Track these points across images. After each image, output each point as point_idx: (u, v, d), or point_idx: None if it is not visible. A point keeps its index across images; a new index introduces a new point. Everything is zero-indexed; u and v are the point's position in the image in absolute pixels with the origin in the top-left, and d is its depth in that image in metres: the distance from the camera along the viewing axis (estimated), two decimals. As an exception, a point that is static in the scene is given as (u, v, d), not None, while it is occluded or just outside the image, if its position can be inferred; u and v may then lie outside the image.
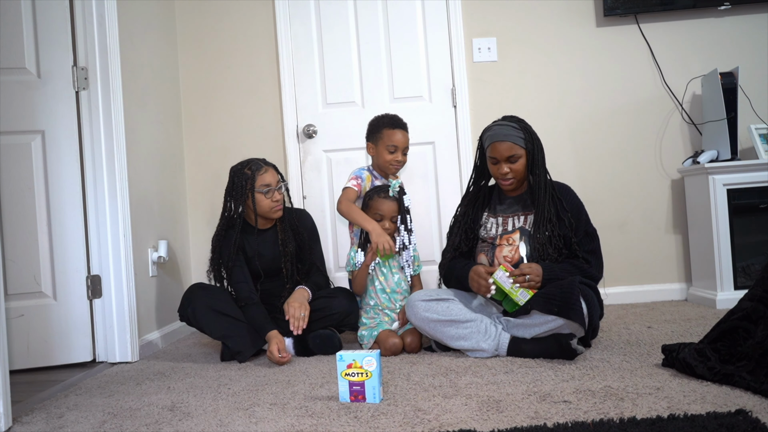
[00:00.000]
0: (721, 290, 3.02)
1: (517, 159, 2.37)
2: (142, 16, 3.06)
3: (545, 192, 2.37)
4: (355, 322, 2.61)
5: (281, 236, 2.68)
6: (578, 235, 2.36)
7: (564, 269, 2.28)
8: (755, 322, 1.81)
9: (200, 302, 2.51)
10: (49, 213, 2.58)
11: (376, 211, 2.57)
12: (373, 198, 2.60)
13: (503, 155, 2.36)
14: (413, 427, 1.59)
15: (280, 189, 2.63)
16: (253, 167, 2.61)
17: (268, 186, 2.59)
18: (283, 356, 2.36)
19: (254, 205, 2.58)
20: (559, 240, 2.33)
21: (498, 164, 2.39)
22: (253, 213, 2.61)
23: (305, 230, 2.73)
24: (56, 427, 1.79)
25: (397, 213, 2.58)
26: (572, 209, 2.39)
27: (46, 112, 2.58)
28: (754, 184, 3.03)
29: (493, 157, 2.40)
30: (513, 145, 2.36)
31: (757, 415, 1.47)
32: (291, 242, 2.66)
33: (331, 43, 3.48)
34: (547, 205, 2.36)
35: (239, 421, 1.73)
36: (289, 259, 2.65)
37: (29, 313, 2.53)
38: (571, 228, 2.35)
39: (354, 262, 2.59)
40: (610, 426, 1.46)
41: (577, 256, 2.34)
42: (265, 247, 2.66)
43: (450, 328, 2.31)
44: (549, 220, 2.34)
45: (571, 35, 3.45)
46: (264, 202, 2.59)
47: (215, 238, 2.65)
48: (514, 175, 2.38)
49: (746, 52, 3.36)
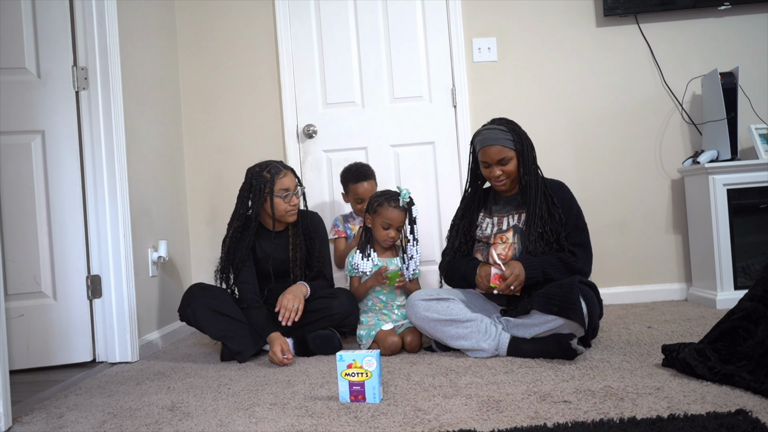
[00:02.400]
0: (721, 290, 3.02)
1: (508, 161, 2.41)
2: (142, 16, 3.06)
3: (536, 190, 2.40)
4: (356, 322, 2.61)
5: (293, 240, 2.67)
6: (567, 229, 2.38)
7: (547, 262, 2.31)
8: (755, 322, 1.81)
9: (200, 302, 2.51)
10: (49, 213, 2.58)
11: (384, 219, 2.55)
12: (383, 205, 2.56)
13: (494, 159, 2.40)
14: (413, 427, 1.59)
15: (298, 193, 2.63)
16: (272, 170, 2.59)
17: (287, 190, 2.58)
18: (287, 357, 2.36)
19: (272, 209, 2.57)
20: (550, 235, 2.36)
21: (490, 168, 2.43)
22: (270, 216, 2.60)
23: (317, 235, 2.72)
24: (56, 427, 1.79)
25: (404, 222, 2.57)
26: (563, 204, 2.42)
27: (46, 112, 2.58)
28: (754, 184, 3.03)
29: (484, 162, 2.44)
30: (502, 148, 2.39)
31: (757, 415, 1.47)
32: (302, 246, 2.66)
33: (331, 43, 3.48)
34: (539, 202, 2.39)
35: (239, 421, 1.73)
36: (298, 264, 2.64)
37: (29, 313, 2.53)
38: (561, 223, 2.37)
39: (353, 266, 2.59)
40: (610, 426, 1.46)
41: (563, 249, 2.35)
42: (276, 250, 2.66)
43: (450, 327, 2.31)
44: (540, 217, 2.37)
45: (571, 35, 3.45)
46: (281, 205, 2.58)
47: (228, 238, 2.63)
48: (506, 176, 2.42)
49: (746, 52, 3.36)
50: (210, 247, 3.43)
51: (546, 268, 2.30)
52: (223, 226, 2.72)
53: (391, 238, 2.57)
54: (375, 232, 2.59)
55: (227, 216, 2.71)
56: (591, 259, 2.42)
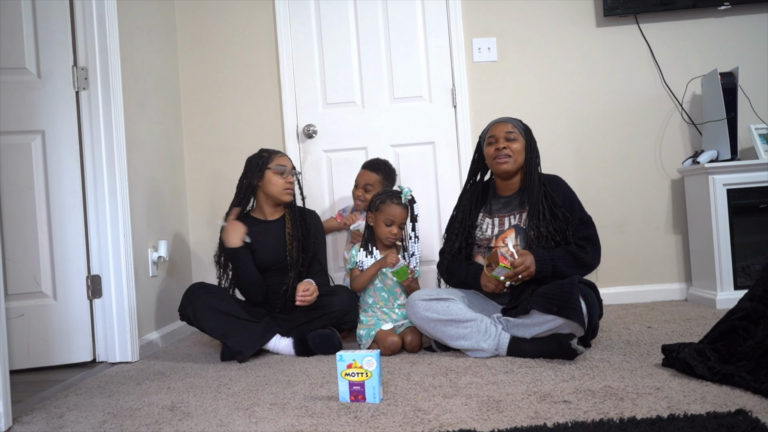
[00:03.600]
0: (721, 290, 3.02)
1: (516, 139, 2.44)
2: (142, 16, 3.06)
3: (538, 189, 2.40)
4: (355, 319, 2.62)
5: (290, 224, 2.72)
6: (573, 225, 2.39)
7: (558, 256, 2.30)
8: (755, 322, 1.81)
9: (200, 301, 2.51)
10: (49, 213, 2.58)
11: (387, 216, 2.59)
12: (386, 202, 2.61)
13: (502, 132, 2.45)
14: (413, 427, 1.59)
15: (293, 174, 2.72)
16: (270, 151, 2.76)
17: (283, 166, 2.69)
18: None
19: (262, 182, 2.68)
20: (556, 234, 2.35)
21: (497, 142, 2.45)
22: (266, 201, 2.71)
23: (313, 226, 2.77)
24: (56, 427, 1.79)
25: (406, 220, 2.62)
26: (564, 201, 2.42)
27: (46, 112, 2.58)
28: (754, 184, 3.03)
29: (492, 136, 2.47)
30: (514, 127, 2.47)
31: (757, 415, 1.47)
32: (298, 231, 2.70)
33: (331, 43, 3.48)
34: (541, 202, 2.38)
35: (239, 421, 1.73)
36: (295, 246, 2.68)
37: (29, 313, 2.53)
38: (566, 221, 2.38)
39: (355, 261, 2.60)
40: (610, 426, 1.46)
41: (570, 243, 2.35)
42: (270, 238, 2.69)
43: (450, 327, 2.31)
44: (543, 217, 2.36)
45: (571, 35, 3.45)
46: (278, 181, 2.67)
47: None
48: (510, 152, 2.43)
49: (746, 52, 3.36)
50: (210, 246, 3.42)
51: (556, 262, 2.30)
52: (223, 226, 2.73)
53: (394, 236, 2.60)
54: (377, 230, 2.62)
55: (228, 216, 2.72)
56: (600, 251, 2.42)
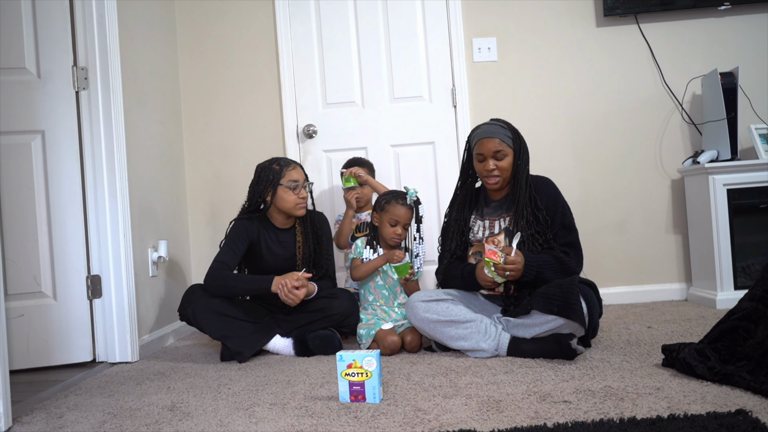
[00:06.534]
0: (721, 290, 3.02)
1: (504, 156, 2.39)
2: (142, 16, 3.06)
3: (524, 194, 2.39)
4: (356, 323, 2.61)
5: (301, 237, 2.69)
6: (554, 228, 2.37)
7: (544, 261, 2.28)
8: (755, 322, 1.81)
9: (200, 302, 2.51)
10: (49, 213, 2.58)
11: (391, 216, 2.60)
12: (391, 203, 2.61)
13: (490, 151, 2.39)
14: (413, 427, 1.59)
15: (306, 187, 2.67)
16: (281, 163, 2.66)
17: (295, 182, 2.62)
18: (298, 281, 2.41)
19: (274, 198, 2.61)
20: (538, 236, 2.34)
21: (485, 161, 2.41)
22: (279, 213, 2.65)
23: (324, 234, 2.75)
24: (56, 427, 1.79)
25: (411, 220, 2.62)
26: (548, 204, 2.39)
27: (46, 112, 2.58)
28: (754, 184, 3.03)
29: (480, 154, 2.42)
30: (501, 142, 2.39)
31: (757, 415, 1.47)
32: (310, 244, 2.68)
33: (331, 43, 3.48)
34: (526, 206, 2.37)
35: (239, 421, 1.73)
36: (305, 261, 2.66)
37: (29, 313, 2.53)
38: (546, 224, 2.36)
39: (361, 253, 2.61)
40: (610, 426, 1.46)
41: (553, 249, 2.34)
42: (281, 247, 2.68)
43: (450, 328, 2.31)
44: (528, 221, 2.35)
45: (572, 35, 3.45)
46: (290, 197, 2.62)
47: (233, 222, 2.67)
48: (500, 172, 2.40)
49: (746, 52, 3.36)
50: (210, 247, 3.42)
51: (542, 268, 2.28)
52: (223, 226, 2.73)
53: (398, 236, 2.60)
54: (382, 230, 2.63)
55: (227, 216, 2.73)
56: (582, 258, 2.40)
